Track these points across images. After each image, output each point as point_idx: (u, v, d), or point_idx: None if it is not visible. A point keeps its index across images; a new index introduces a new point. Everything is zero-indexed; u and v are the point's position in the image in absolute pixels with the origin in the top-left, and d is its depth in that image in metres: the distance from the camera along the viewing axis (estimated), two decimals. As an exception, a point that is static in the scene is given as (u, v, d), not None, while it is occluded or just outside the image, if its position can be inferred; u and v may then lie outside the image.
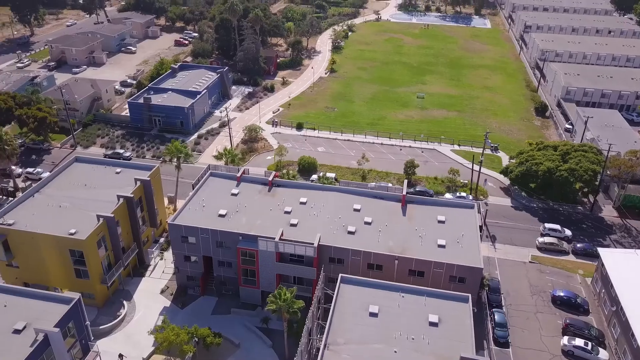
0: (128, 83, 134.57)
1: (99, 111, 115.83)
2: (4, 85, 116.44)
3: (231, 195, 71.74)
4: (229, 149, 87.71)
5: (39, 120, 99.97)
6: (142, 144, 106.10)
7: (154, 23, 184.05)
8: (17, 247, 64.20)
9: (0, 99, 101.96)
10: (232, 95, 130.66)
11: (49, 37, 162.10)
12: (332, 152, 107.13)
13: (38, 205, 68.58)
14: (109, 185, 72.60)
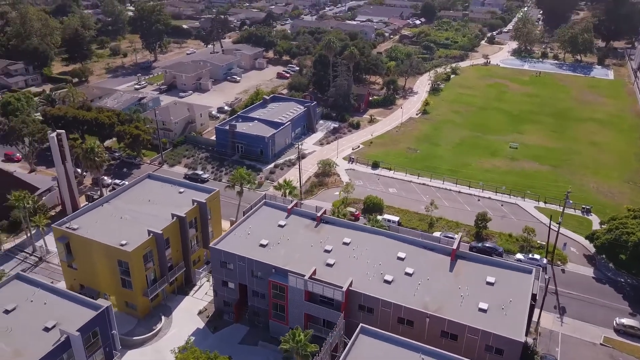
0: (224, 110, 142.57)
1: (190, 133, 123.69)
2: (115, 103, 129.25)
3: (278, 226, 71.81)
4: (288, 181, 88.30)
5: (133, 137, 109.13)
6: (222, 167, 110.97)
7: (262, 55, 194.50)
8: (77, 250, 69.49)
9: (105, 115, 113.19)
10: (317, 129, 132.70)
11: (167, 63, 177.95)
12: (403, 194, 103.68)
13: (103, 214, 73.95)
14: (169, 203, 76.35)
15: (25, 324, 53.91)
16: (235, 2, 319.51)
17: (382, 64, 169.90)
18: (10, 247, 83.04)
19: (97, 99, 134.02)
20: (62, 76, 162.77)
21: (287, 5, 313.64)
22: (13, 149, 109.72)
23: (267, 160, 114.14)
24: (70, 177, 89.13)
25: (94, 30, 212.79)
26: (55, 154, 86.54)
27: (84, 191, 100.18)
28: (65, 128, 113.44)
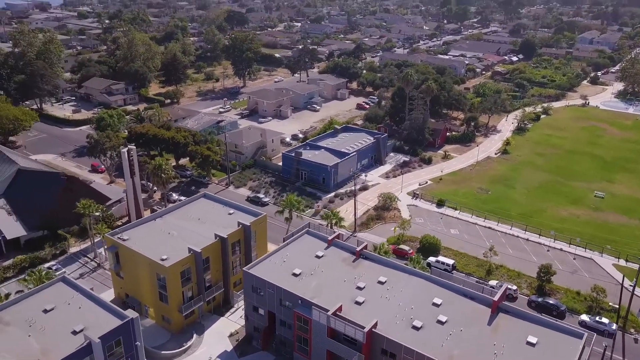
0: (298, 137, 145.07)
1: (260, 158, 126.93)
2: (195, 124, 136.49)
3: (315, 256, 70.57)
4: (335, 211, 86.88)
5: (203, 157, 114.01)
6: (284, 193, 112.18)
7: (346, 86, 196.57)
8: (124, 260, 72.94)
9: (182, 135, 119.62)
10: (386, 161, 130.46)
11: (253, 90, 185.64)
12: (465, 237, 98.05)
13: (154, 228, 77.25)
14: (217, 223, 78.06)
15: (57, 324, 56.93)
16: (331, 34, 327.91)
17: (465, 99, 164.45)
18: (75, 251, 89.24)
19: (180, 120, 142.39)
20: (156, 97, 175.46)
21: (380, 38, 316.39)
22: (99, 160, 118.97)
23: (329, 189, 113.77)
24: (137, 190, 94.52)
25: (193, 56, 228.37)
26: (125, 168, 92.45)
27: (151, 205, 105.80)
28: (146, 145, 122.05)
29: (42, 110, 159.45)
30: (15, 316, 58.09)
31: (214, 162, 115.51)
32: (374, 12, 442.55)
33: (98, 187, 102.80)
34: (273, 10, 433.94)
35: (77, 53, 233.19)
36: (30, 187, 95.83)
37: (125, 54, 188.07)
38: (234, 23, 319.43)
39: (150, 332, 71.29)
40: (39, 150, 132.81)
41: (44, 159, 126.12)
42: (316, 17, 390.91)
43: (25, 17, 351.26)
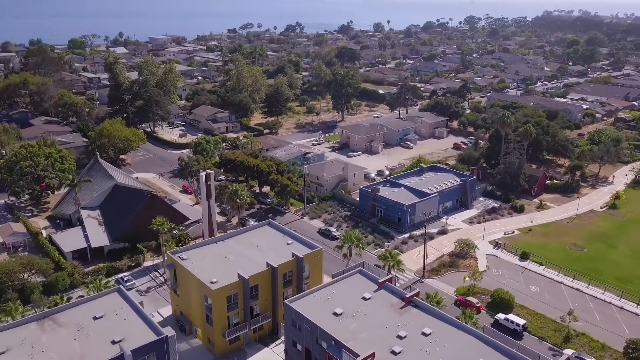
0: (384, 173, 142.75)
1: (339, 191, 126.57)
2: (283, 154, 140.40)
3: (362, 297, 67.65)
4: (393, 252, 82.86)
5: (282, 186, 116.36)
6: (356, 228, 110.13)
7: (445, 125, 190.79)
8: (180, 279, 75.72)
9: (266, 164, 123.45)
10: (472, 205, 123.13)
11: (348, 124, 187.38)
12: (545, 296, 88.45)
13: (213, 251, 79.54)
14: (273, 252, 78.41)
15: (101, 332, 60.16)
16: (442, 72, 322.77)
17: (573, 145, 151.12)
18: (149, 265, 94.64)
19: (271, 149, 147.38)
20: (256, 126, 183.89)
21: (494, 78, 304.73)
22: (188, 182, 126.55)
23: (404, 229, 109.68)
24: (212, 213, 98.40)
25: (299, 90, 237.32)
26: (202, 190, 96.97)
27: (228, 228, 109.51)
28: (234, 171, 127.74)
29: (153, 133, 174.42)
30: (68, 319, 62.50)
31: (292, 192, 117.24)
32: (491, 52, 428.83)
33: (181, 206, 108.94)
34: (387, 47, 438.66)
35: (196, 83, 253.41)
36: (120, 201, 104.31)
37: (234, 84, 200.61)
38: (345, 59, 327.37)
39: (196, 352, 72.74)
40: (142, 169, 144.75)
41: (144, 177, 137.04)
42: (429, 55, 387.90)
43: (162, 50, 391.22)
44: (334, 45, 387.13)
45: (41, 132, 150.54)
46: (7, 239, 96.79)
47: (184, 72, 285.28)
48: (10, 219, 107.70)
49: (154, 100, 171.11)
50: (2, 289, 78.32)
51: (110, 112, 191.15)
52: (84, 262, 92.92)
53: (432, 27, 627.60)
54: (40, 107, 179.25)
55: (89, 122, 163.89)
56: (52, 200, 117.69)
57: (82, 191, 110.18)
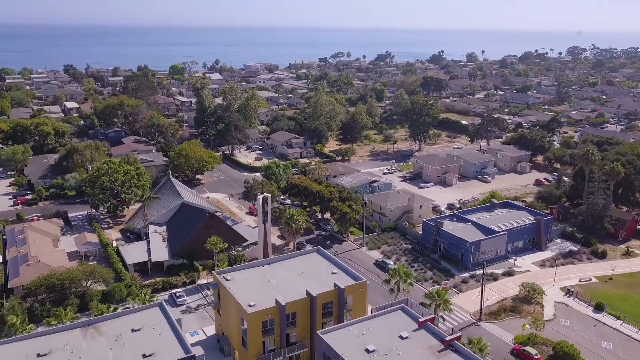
0: (454, 206, 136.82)
1: (403, 223, 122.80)
2: (348, 182, 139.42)
3: (398, 336, 64.11)
4: (441, 291, 77.83)
5: (342, 214, 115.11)
6: (415, 263, 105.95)
7: (529, 160, 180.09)
8: (222, 299, 76.51)
9: (328, 190, 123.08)
10: (547, 247, 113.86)
11: (423, 154, 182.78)
12: (620, 354, 78.76)
13: (258, 274, 79.71)
14: (316, 280, 77.03)
15: (136, 345, 61.99)
16: (534, 105, 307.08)
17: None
18: (203, 283, 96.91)
19: (338, 176, 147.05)
20: (330, 153, 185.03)
21: (592, 112, 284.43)
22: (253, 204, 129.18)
23: (466, 267, 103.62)
24: (267, 235, 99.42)
25: (378, 118, 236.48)
26: (258, 213, 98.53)
27: (285, 252, 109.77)
28: (298, 195, 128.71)
29: (231, 155, 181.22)
30: (109, 329, 65.17)
31: (351, 220, 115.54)
32: (593, 84, 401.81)
33: (241, 228, 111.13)
34: (478, 78, 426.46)
35: (279, 109, 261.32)
36: (184, 219, 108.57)
37: (313, 111, 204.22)
38: (430, 89, 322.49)
39: (230, 376, 72.59)
40: (215, 189, 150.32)
41: (215, 197, 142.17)
42: (522, 86, 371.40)
43: (253, 77, 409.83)
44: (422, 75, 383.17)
45: (129, 150, 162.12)
46: (80, 248, 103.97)
47: (270, 98, 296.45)
48: (88, 230, 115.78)
49: (234, 124, 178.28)
50: (65, 294, 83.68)
51: (195, 134, 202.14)
52: (144, 275, 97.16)
53: (530, 58, 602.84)
54: (133, 127, 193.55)
55: (172, 143, 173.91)
56: (127, 214, 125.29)
57: (152, 207, 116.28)
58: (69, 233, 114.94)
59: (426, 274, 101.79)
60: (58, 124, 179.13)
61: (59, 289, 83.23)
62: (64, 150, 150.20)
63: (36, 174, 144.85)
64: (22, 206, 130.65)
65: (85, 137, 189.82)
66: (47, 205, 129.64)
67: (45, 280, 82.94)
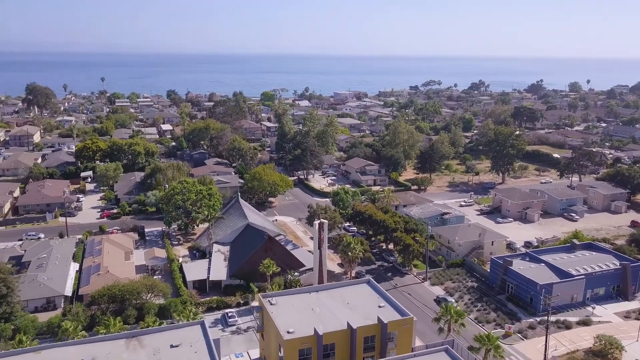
0: (532, 244, 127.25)
1: (471, 259, 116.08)
2: (418, 212, 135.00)
3: (437, 381, 59.76)
4: (491, 335, 71.29)
5: (404, 245, 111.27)
6: (478, 302, 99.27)
7: (626, 199, 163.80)
8: (265, 323, 76.21)
9: (393, 220, 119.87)
10: (635, 297, 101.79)
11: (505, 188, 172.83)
12: None
13: (303, 300, 78.62)
14: (361, 312, 74.45)
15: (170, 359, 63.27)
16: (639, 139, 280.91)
17: None
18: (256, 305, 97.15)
19: (409, 205, 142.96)
20: (405, 182, 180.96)
21: None
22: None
23: (535, 311, 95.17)
24: (322, 262, 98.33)
25: (462, 148, 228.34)
26: (315, 240, 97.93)
27: (341, 279, 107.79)
28: (362, 223, 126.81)
29: (305, 180, 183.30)
30: (150, 342, 67.07)
31: (415, 253, 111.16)
32: None
33: (300, 253, 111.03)
34: (579, 109, 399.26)
35: (361, 136, 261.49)
36: (246, 240, 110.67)
37: (391, 139, 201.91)
38: (523, 119, 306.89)
39: (267, 402, 71.53)
40: (285, 212, 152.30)
41: (283, 220, 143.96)
42: (630, 118, 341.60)
43: (341, 104, 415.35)
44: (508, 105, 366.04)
45: (209, 171, 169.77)
46: (148, 262, 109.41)
47: (353, 125, 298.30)
48: (160, 245, 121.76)
49: (309, 150, 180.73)
50: (125, 305, 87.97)
51: (275, 158, 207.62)
52: (202, 292, 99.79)
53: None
54: (216, 149, 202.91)
55: (251, 166, 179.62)
56: (198, 232, 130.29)
57: (219, 227, 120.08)
58: (142, 247, 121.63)
59: (489, 315, 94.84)
60: (149, 144, 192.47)
61: (119, 299, 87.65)
62: (149, 169, 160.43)
63: (123, 190, 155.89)
64: (107, 219, 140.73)
65: (173, 158, 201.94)
66: (128, 219, 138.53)
67: (107, 291, 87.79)
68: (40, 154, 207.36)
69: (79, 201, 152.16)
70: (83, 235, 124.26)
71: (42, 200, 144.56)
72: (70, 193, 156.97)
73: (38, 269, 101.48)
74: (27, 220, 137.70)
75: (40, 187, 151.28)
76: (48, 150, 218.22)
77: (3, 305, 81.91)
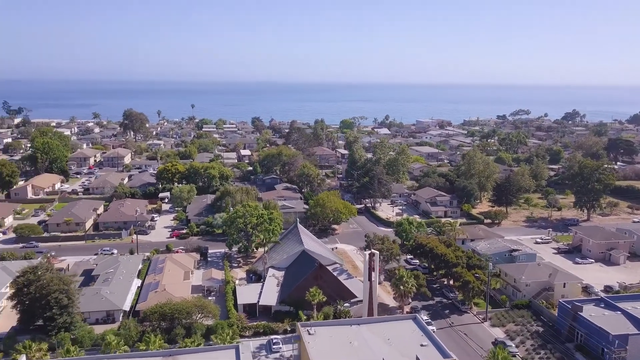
0: (613, 289, 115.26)
1: (539, 301, 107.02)
2: (484, 247, 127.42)
3: None
4: None
5: (464, 282, 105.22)
6: (542, 350, 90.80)
7: None
8: (301, 353, 74.68)
9: (455, 254, 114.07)
10: None
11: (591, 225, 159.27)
12: None
13: (343, 332, 76.60)
14: (401, 350, 71.16)
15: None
16: None
17: None
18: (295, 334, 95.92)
19: (477, 240, 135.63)
20: (478, 215, 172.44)
21: None
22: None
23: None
24: (372, 294, 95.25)
25: (545, 181, 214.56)
26: (364, 271, 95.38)
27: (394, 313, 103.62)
28: (423, 256, 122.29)
29: (372, 209, 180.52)
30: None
31: (476, 290, 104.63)
32: None
33: (352, 283, 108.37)
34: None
35: (437, 165, 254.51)
36: (299, 267, 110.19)
37: (466, 169, 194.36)
38: (618, 152, 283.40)
39: None
40: (347, 240, 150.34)
41: (344, 248, 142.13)
42: None
43: (422, 132, 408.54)
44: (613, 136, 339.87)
45: (277, 195, 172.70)
46: (204, 282, 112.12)
47: (430, 154, 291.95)
48: (220, 267, 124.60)
49: (377, 178, 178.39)
50: (174, 323, 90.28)
51: (345, 185, 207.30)
52: (251, 316, 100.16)
53: None
54: (288, 175, 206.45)
55: (318, 192, 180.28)
56: (257, 256, 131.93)
57: (277, 252, 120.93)
58: (203, 267, 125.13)
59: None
60: (223, 168, 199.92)
61: (169, 317, 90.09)
62: (219, 192, 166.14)
63: (194, 211, 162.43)
64: (175, 239, 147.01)
65: (246, 182, 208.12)
66: (195, 240, 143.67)
67: (159, 308, 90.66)
68: (127, 175, 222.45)
69: (153, 220, 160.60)
70: (150, 253, 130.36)
71: (120, 218, 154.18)
72: (147, 212, 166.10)
73: (104, 282, 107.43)
74: (105, 236, 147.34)
75: (119, 206, 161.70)
76: (135, 171, 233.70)
77: (64, 315, 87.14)
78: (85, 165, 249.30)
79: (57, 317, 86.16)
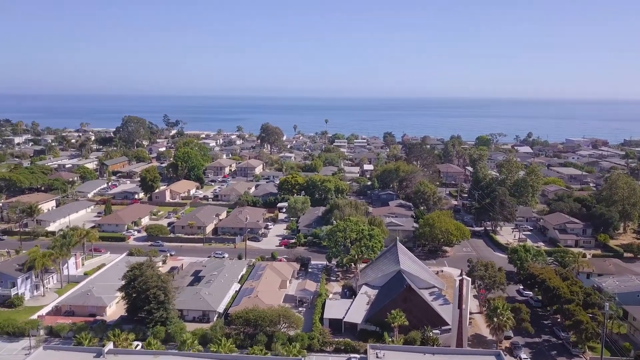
0: None
1: None
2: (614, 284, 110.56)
3: None
4: None
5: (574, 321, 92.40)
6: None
7: None
8: (367, 377, 71.26)
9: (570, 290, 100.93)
10: None
11: None
12: None
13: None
14: (473, 389, 64.22)
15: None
16: None
17: None
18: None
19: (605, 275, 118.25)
20: (616, 247, 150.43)
21: None
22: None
23: None
24: (462, 323, 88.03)
25: None
26: (454, 297, 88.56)
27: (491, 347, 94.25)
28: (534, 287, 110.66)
29: (492, 232, 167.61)
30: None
31: (590, 332, 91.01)
32: None
33: (446, 309, 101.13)
34: None
35: (579, 189, 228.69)
36: (391, 287, 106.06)
37: (607, 195, 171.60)
38: None
39: None
40: (456, 264, 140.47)
41: (449, 272, 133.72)
42: None
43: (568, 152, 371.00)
44: None
45: (388, 212, 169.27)
46: (297, 293, 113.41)
47: (574, 176, 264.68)
48: (317, 279, 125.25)
49: (499, 199, 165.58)
50: (257, 330, 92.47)
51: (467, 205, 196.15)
52: (336, 332, 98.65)
53: None
54: (405, 191, 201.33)
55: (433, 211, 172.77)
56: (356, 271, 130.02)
57: (372, 269, 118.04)
58: (302, 277, 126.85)
59: None
60: (339, 182, 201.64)
61: (253, 324, 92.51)
62: (329, 205, 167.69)
63: (305, 222, 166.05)
64: (283, 247, 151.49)
65: (362, 196, 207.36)
66: (300, 249, 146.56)
67: (245, 314, 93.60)
68: (254, 184, 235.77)
69: (267, 228, 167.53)
70: (255, 259, 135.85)
71: (237, 225, 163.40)
72: (263, 220, 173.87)
73: (206, 284, 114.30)
74: (221, 241, 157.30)
75: (238, 213, 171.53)
76: (263, 181, 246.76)
77: (161, 310, 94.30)
78: (220, 174, 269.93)
79: (154, 311, 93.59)
